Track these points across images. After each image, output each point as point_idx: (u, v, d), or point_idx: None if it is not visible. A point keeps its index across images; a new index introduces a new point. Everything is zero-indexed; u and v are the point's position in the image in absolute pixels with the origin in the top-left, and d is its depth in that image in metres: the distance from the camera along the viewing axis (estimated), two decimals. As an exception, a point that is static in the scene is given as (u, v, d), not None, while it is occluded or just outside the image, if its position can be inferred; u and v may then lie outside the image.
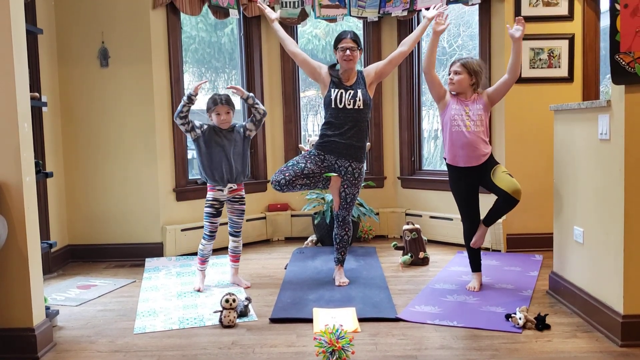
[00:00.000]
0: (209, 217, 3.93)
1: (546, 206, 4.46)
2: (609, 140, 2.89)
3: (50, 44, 4.70)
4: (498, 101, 3.74)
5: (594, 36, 4.77)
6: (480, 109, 3.63)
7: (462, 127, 3.62)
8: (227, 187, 3.90)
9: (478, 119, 3.62)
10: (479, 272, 3.81)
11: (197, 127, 3.86)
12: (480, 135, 3.62)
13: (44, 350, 2.87)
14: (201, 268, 4.01)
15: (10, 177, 2.78)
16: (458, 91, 3.67)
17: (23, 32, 2.86)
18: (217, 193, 3.91)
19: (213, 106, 3.84)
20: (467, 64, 3.63)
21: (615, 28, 2.72)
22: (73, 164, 4.89)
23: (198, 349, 2.91)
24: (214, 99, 3.86)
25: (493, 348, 2.83)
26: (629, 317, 2.78)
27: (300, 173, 3.79)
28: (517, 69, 3.57)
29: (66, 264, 4.81)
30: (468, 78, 3.63)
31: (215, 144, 3.85)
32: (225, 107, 3.84)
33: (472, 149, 3.62)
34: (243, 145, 3.94)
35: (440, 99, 3.76)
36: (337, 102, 3.79)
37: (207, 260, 4.02)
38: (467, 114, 3.62)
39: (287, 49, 3.97)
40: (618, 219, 2.81)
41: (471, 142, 3.61)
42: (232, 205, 3.97)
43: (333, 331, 2.68)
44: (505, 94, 3.69)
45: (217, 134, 3.87)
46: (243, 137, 3.94)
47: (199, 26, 5.62)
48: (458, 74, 3.64)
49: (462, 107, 3.65)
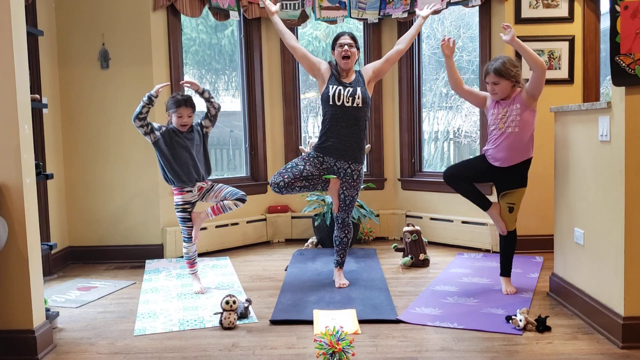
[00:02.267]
0: (184, 221, 3.87)
1: (547, 208, 4.47)
2: (610, 141, 2.89)
3: (51, 46, 4.70)
4: (539, 94, 3.55)
5: (594, 38, 4.77)
6: (518, 108, 3.53)
7: (498, 129, 3.60)
8: (196, 186, 3.85)
9: (516, 120, 3.52)
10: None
11: (156, 129, 3.76)
12: (513, 138, 3.53)
13: (44, 352, 2.87)
14: (192, 271, 3.98)
15: (10, 178, 2.78)
16: (503, 98, 3.60)
17: (24, 34, 2.86)
18: (186, 195, 3.84)
19: (175, 107, 3.74)
20: (502, 71, 3.51)
21: (616, 30, 2.72)
22: (73, 165, 4.89)
23: (198, 351, 2.90)
24: (176, 100, 3.76)
25: (493, 350, 2.82)
26: (629, 318, 2.78)
27: (300, 175, 3.78)
28: (535, 62, 3.41)
29: (66, 265, 4.81)
30: (508, 83, 3.54)
31: (179, 146, 3.77)
32: (188, 109, 3.75)
33: (507, 151, 3.57)
34: (203, 143, 3.89)
35: (482, 106, 3.79)
36: (335, 99, 3.78)
37: (195, 262, 3.99)
38: (503, 116, 3.57)
39: (287, 42, 3.95)
40: (619, 220, 2.81)
41: (501, 144, 3.58)
42: (208, 193, 3.91)
43: (333, 333, 2.68)
44: (541, 86, 3.50)
45: (178, 135, 3.78)
46: (202, 135, 3.88)
47: (200, 28, 5.62)
48: (497, 84, 3.55)
49: (499, 110, 3.61)
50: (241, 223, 5.35)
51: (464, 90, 3.80)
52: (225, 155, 6.29)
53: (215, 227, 5.14)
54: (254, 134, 5.56)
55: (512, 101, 3.57)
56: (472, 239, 4.97)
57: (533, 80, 3.48)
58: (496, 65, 3.54)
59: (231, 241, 5.27)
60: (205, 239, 5.06)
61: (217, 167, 6.26)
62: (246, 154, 5.63)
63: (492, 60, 3.61)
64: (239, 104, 5.70)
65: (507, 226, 3.70)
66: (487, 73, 3.58)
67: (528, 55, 3.43)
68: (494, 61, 3.59)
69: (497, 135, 3.61)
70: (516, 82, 3.57)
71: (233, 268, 4.58)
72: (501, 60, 3.56)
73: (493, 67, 3.55)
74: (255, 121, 5.55)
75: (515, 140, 3.54)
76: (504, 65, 3.53)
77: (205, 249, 5.07)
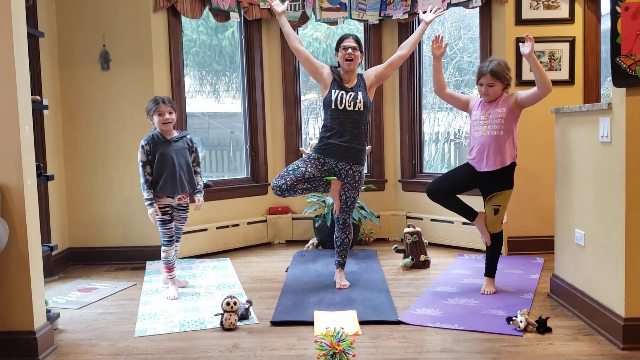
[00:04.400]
0: (164, 223, 3.83)
1: (547, 209, 4.46)
2: (610, 143, 2.89)
3: (52, 47, 4.70)
4: (527, 106, 3.59)
5: (595, 39, 4.77)
6: (503, 112, 3.55)
7: (479, 132, 3.62)
8: (176, 197, 3.84)
9: (498, 123, 3.55)
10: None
11: (148, 153, 3.75)
12: (497, 141, 3.55)
13: (44, 353, 2.87)
14: (170, 275, 3.93)
15: (11, 180, 2.78)
16: (493, 100, 3.60)
17: (24, 35, 2.87)
18: (166, 200, 3.81)
19: (154, 106, 3.72)
20: (497, 73, 3.51)
21: (616, 31, 2.72)
22: (74, 166, 4.89)
23: (199, 352, 2.90)
24: (154, 100, 3.75)
25: (494, 351, 2.82)
26: (630, 320, 2.78)
27: (302, 177, 3.78)
28: (544, 82, 3.37)
29: (67, 266, 4.81)
30: (501, 85, 3.56)
31: (161, 154, 3.74)
32: (167, 106, 3.73)
33: (487, 155, 3.59)
34: (190, 156, 3.86)
35: (465, 109, 3.79)
36: (337, 103, 3.79)
37: (173, 266, 3.93)
38: (486, 118, 3.59)
39: (291, 44, 3.94)
40: (619, 221, 2.81)
41: (484, 147, 3.59)
42: (179, 213, 3.93)
43: (334, 334, 2.68)
44: (534, 103, 3.55)
45: (161, 143, 3.76)
46: (190, 149, 3.87)
47: (200, 29, 5.63)
48: (491, 85, 3.55)
49: (483, 112, 3.63)
50: (242, 224, 5.35)
51: (447, 94, 3.81)
52: (225, 157, 6.29)
53: (216, 228, 5.15)
54: (254, 135, 5.56)
55: (496, 104, 3.58)
56: (472, 240, 4.96)
57: (533, 95, 3.48)
58: (492, 66, 3.53)
59: (232, 242, 5.28)
60: (206, 240, 5.06)
61: (218, 169, 6.27)
62: (247, 156, 5.63)
63: (487, 62, 3.60)
64: (239, 105, 5.71)
65: (493, 228, 3.70)
66: (483, 74, 3.57)
67: (540, 73, 3.37)
68: (489, 62, 3.57)
69: (479, 138, 3.62)
70: (507, 85, 3.59)
71: (234, 269, 4.58)
72: (497, 62, 3.55)
73: (489, 69, 3.53)
74: (255, 122, 5.55)
75: (500, 143, 3.56)
76: (499, 66, 3.53)
77: (205, 250, 5.07)
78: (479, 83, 3.60)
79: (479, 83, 3.61)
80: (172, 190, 3.78)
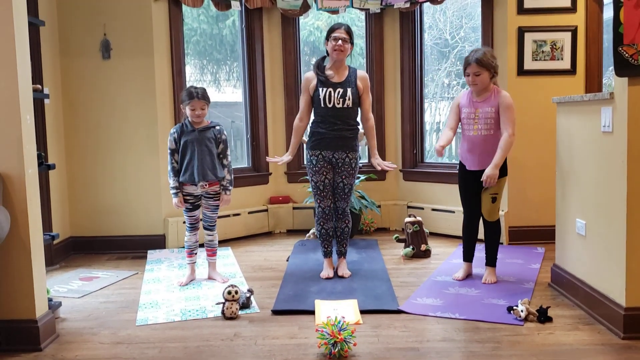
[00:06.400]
0: (187, 211, 3.89)
1: (548, 198, 4.46)
2: (612, 132, 2.89)
3: (52, 36, 4.69)
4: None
5: (597, 28, 4.75)
6: (492, 112, 3.57)
7: (471, 131, 3.64)
8: (199, 184, 3.83)
9: (488, 122, 3.58)
10: (469, 263, 3.88)
11: (174, 141, 3.80)
12: (488, 140, 3.58)
13: (46, 341, 2.88)
14: (190, 261, 3.98)
15: (12, 169, 2.78)
16: (481, 90, 3.61)
17: (25, 24, 2.86)
18: (190, 187, 3.83)
19: (188, 100, 3.73)
20: (482, 61, 3.52)
21: (619, 20, 2.71)
22: (75, 156, 4.89)
23: (200, 341, 2.91)
24: (189, 92, 3.75)
25: (495, 340, 2.83)
26: (631, 309, 2.79)
27: (330, 188, 3.88)
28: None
29: (68, 255, 4.82)
30: (488, 74, 3.56)
31: (185, 142, 3.76)
32: (201, 102, 3.74)
33: (478, 154, 3.62)
34: (215, 146, 3.84)
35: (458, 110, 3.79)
36: (326, 101, 3.78)
37: (194, 252, 3.98)
38: (476, 117, 3.61)
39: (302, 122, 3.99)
40: (620, 211, 2.81)
41: (477, 147, 3.62)
42: (207, 200, 3.92)
43: (335, 323, 2.69)
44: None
45: (187, 132, 3.78)
46: (216, 140, 3.84)
47: (201, 18, 5.60)
48: (478, 74, 3.55)
49: (472, 110, 3.64)
50: (243, 214, 5.35)
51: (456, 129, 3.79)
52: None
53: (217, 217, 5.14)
54: (255, 124, 5.55)
55: (484, 102, 3.60)
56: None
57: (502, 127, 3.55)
58: (477, 55, 3.55)
59: (233, 232, 5.28)
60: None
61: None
62: (247, 145, 5.62)
63: (472, 52, 3.62)
64: (240, 94, 5.69)
65: (491, 216, 3.72)
66: (469, 64, 3.58)
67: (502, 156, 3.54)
68: (475, 52, 3.60)
69: (470, 137, 3.64)
70: (495, 73, 3.60)
71: (235, 258, 4.60)
72: (482, 51, 3.59)
73: (475, 58, 3.56)
74: (256, 112, 5.54)
75: (490, 142, 3.59)
76: (485, 55, 3.56)
77: (207, 239, 5.08)
78: (466, 74, 3.62)
79: (465, 74, 3.63)
80: (190, 178, 3.78)
